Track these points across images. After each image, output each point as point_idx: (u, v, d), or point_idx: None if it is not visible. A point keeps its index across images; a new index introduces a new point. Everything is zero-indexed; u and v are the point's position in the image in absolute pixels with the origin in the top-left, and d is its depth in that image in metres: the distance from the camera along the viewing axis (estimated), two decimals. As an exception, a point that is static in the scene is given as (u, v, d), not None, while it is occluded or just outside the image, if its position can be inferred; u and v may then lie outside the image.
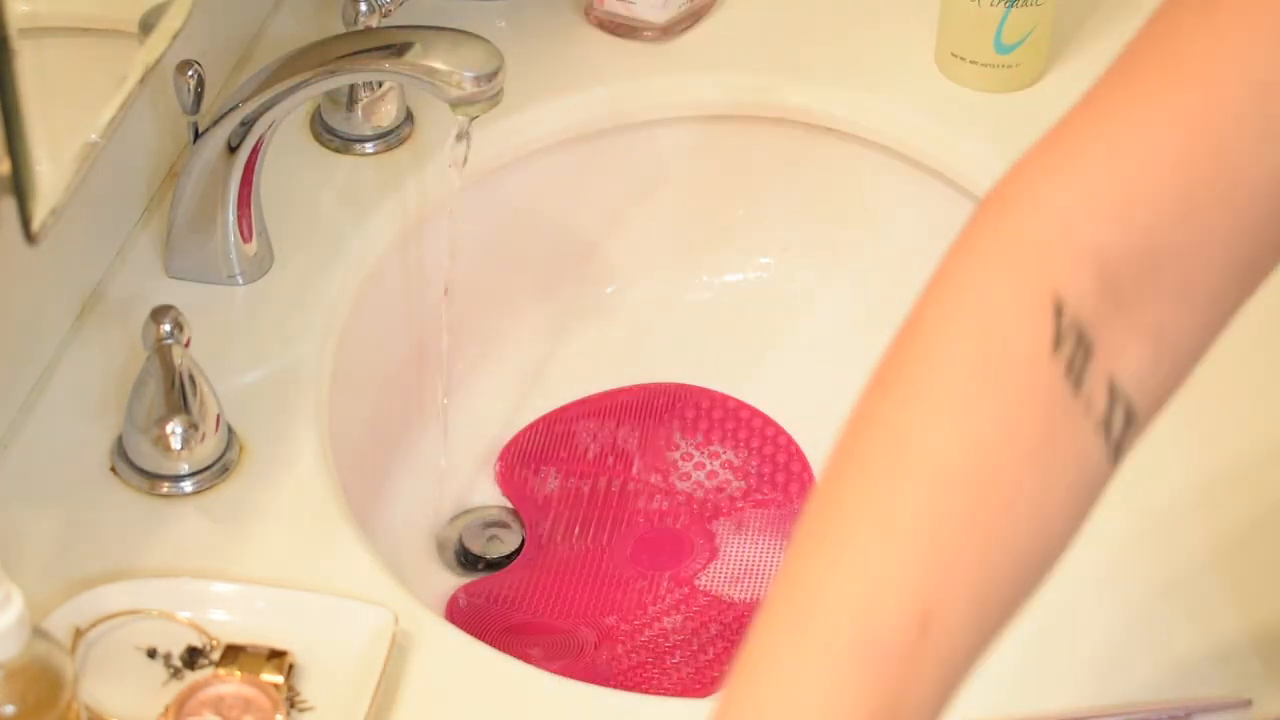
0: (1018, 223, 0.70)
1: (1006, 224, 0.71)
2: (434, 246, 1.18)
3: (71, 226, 1.00)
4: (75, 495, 1.00)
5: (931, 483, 0.67)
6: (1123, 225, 0.68)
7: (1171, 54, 0.70)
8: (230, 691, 0.89)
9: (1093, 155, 0.69)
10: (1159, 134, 0.69)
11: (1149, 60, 0.71)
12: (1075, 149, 0.70)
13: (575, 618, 1.15)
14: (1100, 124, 0.70)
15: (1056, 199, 0.69)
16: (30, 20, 0.81)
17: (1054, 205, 0.69)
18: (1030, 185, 0.70)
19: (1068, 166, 0.69)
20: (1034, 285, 0.69)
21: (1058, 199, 0.69)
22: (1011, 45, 1.25)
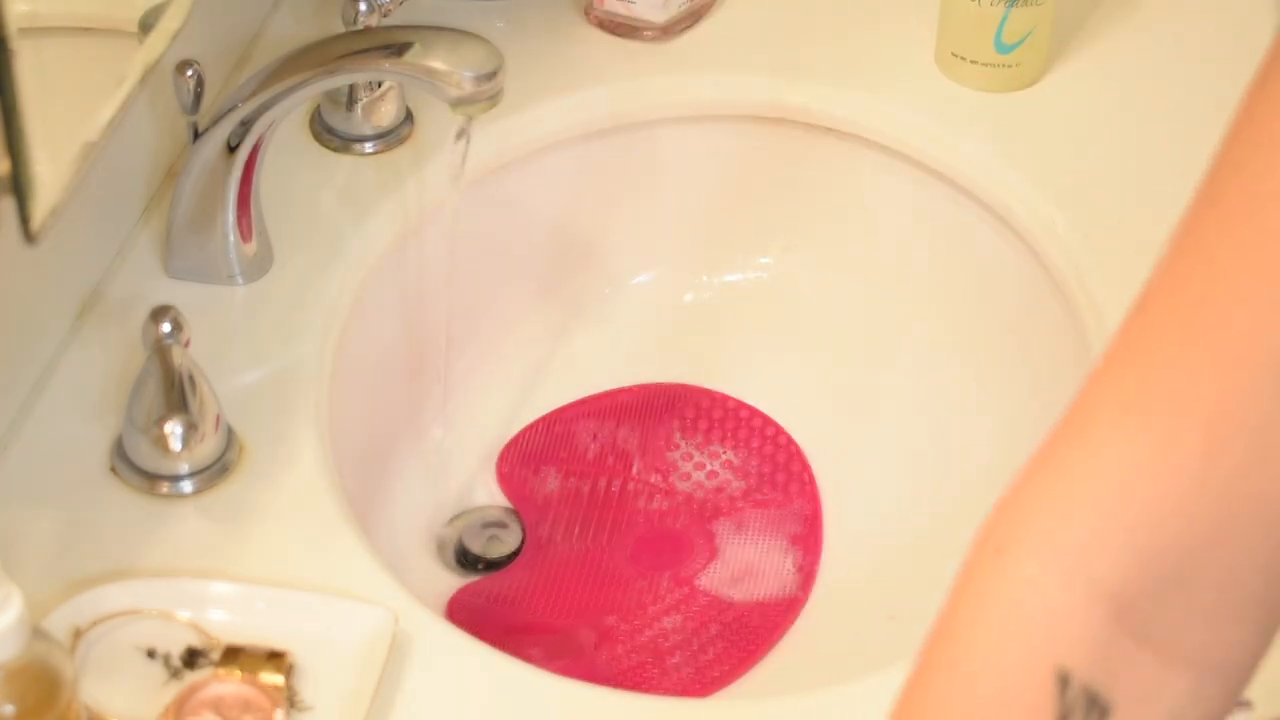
0: (1018, 576, 0.63)
1: (1006, 579, 0.63)
2: (434, 246, 1.18)
3: (71, 226, 1.00)
4: (75, 495, 1.00)
5: None
6: (1142, 554, 0.61)
7: (1181, 329, 0.63)
8: (230, 692, 0.89)
9: (1099, 476, 0.62)
10: (1176, 437, 0.61)
11: (1155, 340, 0.64)
12: (1078, 468, 0.63)
13: (575, 618, 1.15)
14: (1106, 437, 0.62)
15: (1063, 540, 0.62)
16: (30, 20, 0.81)
17: (1060, 548, 0.62)
18: (1033, 526, 0.63)
19: (1072, 496, 0.62)
20: (1036, 659, 0.62)
21: (1064, 540, 0.62)
22: (1011, 45, 1.24)
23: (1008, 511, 0.64)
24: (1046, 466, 0.64)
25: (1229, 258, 0.63)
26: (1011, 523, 0.64)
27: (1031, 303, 1.20)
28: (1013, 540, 0.64)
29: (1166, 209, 1.20)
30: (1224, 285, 0.62)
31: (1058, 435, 0.64)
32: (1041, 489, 0.64)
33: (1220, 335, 0.62)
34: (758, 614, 1.15)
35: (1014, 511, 0.64)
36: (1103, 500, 0.62)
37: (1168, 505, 0.61)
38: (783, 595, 1.16)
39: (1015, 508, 0.64)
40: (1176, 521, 0.61)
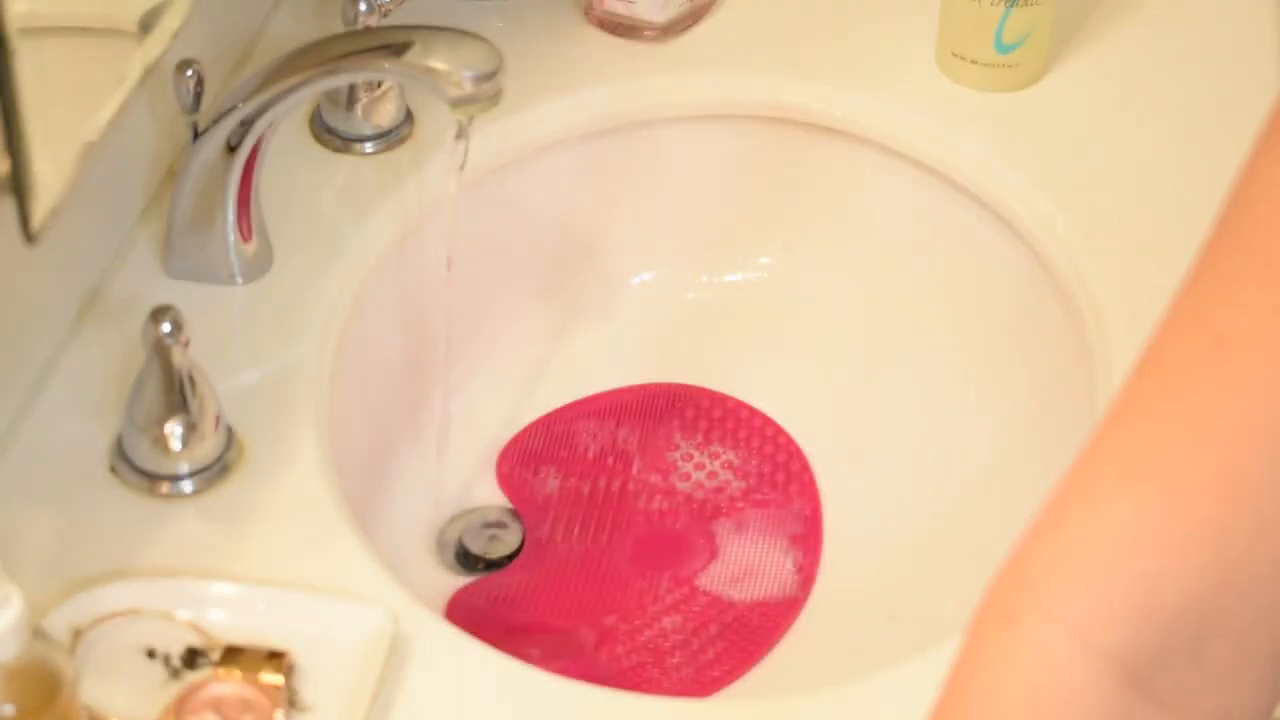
0: (1031, 646, 0.62)
1: (1019, 649, 0.63)
2: (434, 246, 1.18)
3: (71, 226, 1.00)
4: (75, 495, 1.00)
5: None
6: (1153, 621, 0.61)
7: (1186, 392, 0.63)
8: (230, 692, 0.89)
9: (1106, 542, 0.62)
10: (1183, 503, 0.61)
11: (1160, 402, 0.64)
12: (1085, 534, 0.62)
13: (575, 618, 1.15)
14: (1112, 501, 0.62)
15: (1069, 610, 0.62)
16: (30, 20, 0.81)
17: (1072, 617, 0.62)
18: (1043, 593, 0.62)
19: (1078, 562, 0.62)
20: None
21: (1070, 609, 0.62)
22: (1011, 45, 1.24)
23: (1016, 576, 0.64)
24: (1053, 530, 0.64)
25: (1233, 322, 0.63)
26: (1021, 589, 0.63)
27: (1031, 303, 1.20)
28: (1024, 608, 0.63)
29: (1167, 209, 1.21)
30: (1229, 350, 0.62)
31: (1062, 496, 0.64)
32: (1050, 555, 0.63)
33: (1227, 400, 0.61)
34: (758, 614, 1.15)
35: (1023, 577, 0.64)
36: (1112, 568, 0.61)
37: (1176, 572, 0.61)
38: (783, 595, 1.16)
39: (1024, 573, 0.64)
40: (1186, 588, 0.61)
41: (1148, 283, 1.13)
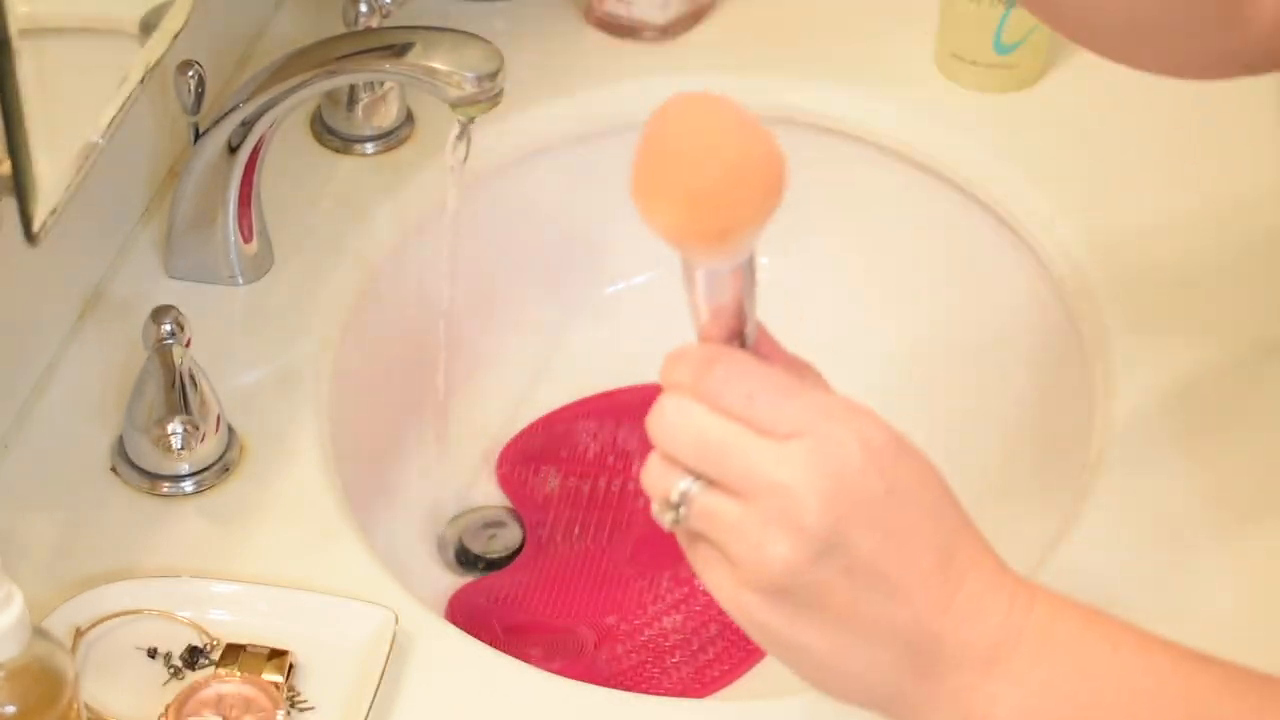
0: None
1: None
2: (434, 246, 1.18)
3: (72, 226, 1.00)
4: (75, 495, 1.00)
5: None
6: None
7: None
8: (230, 691, 0.89)
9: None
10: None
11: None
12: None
13: (575, 618, 1.15)
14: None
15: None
16: (30, 20, 0.81)
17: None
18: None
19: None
20: None
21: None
22: (1011, 45, 1.25)
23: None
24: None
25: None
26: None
27: (1031, 303, 1.20)
28: None
29: (1166, 208, 1.21)
30: None
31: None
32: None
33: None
34: (757, 614, 1.15)
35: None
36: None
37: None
38: (782, 595, 1.16)
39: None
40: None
41: (1147, 283, 1.13)
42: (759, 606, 0.70)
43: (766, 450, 0.69)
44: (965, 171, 1.23)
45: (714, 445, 0.69)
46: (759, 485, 0.69)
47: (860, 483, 0.69)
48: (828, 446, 0.69)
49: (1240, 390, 1.07)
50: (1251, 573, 0.98)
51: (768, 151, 0.69)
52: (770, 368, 0.72)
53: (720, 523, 0.70)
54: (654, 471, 0.72)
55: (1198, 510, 1.01)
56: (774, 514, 0.68)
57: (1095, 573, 0.97)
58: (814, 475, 0.68)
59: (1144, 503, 1.01)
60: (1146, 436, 1.05)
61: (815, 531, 0.68)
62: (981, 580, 0.71)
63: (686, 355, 0.72)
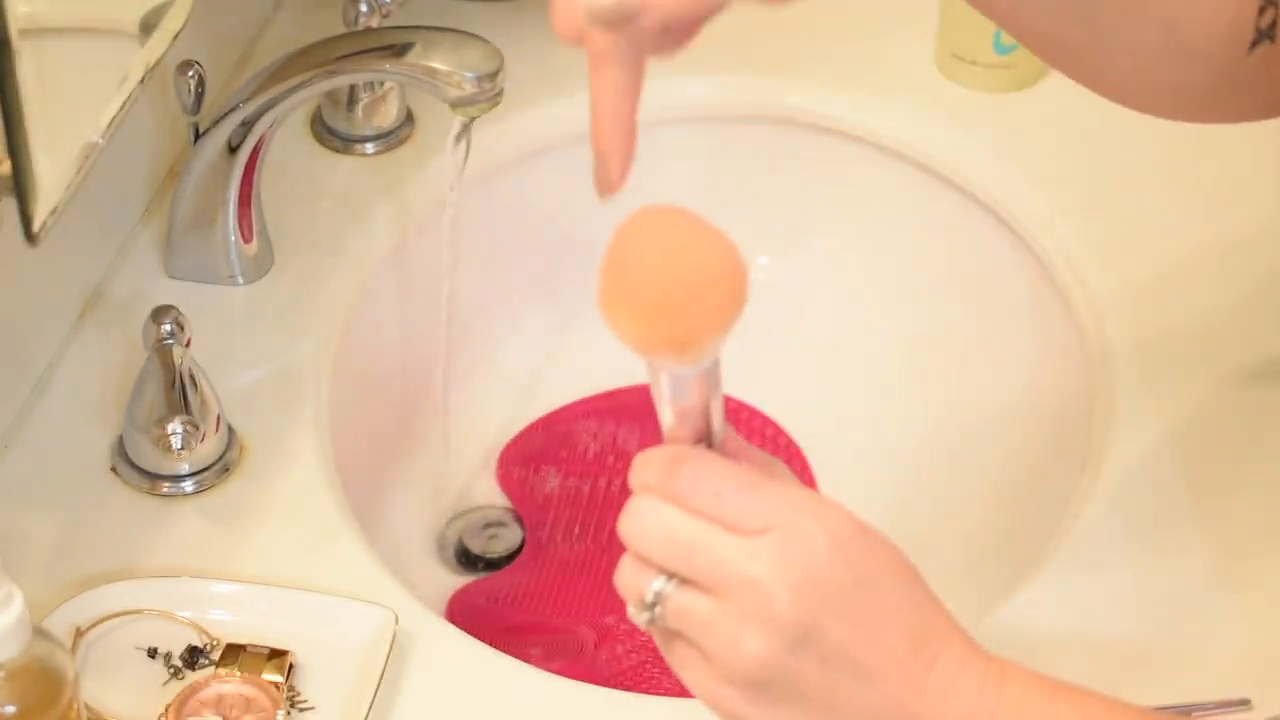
0: None
1: None
2: (434, 246, 1.18)
3: (72, 226, 1.00)
4: (75, 495, 1.00)
5: None
6: None
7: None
8: (231, 691, 0.89)
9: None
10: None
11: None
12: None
13: (575, 618, 1.15)
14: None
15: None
16: (30, 20, 0.81)
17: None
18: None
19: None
20: None
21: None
22: (1011, 45, 1.25)
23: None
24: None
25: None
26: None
27: (1031, 303, 1.20)
28: None
29: (1165, 209, 1.21)
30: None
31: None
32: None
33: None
34: (757, 614, 1.15)
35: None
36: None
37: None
38: (782, 595, 1.16)
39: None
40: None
41: (1146, 282, 1.13)
42: (738, 700, 0.71)
43: (736, 546, 0.70)
44: (965, 171, 1.23)
45: (684, 544, 0.71)
46: (730, 581, 0.70)
47: (829, 574, 0.70)
48: (796, 540, 0.70)
49: (1240, 388, 1.07)
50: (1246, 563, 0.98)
51: (728, 264, 0.71)
52: (736, 465, 0.73)
53: (694, 620, 0.71)
54: (627, 572, 0.73)
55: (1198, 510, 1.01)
56: (746, 609, 0.70)
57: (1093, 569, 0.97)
58: (783, 568, 0.70)
59: (1143, 503, 1.01)
60: (1147, 436, 1.05)
61: (787, 623, 0.70)
62: (953, 660, 0.72)
63: (653, 457, 0.73)
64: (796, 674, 0.70)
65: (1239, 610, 0.96)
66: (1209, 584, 0.97)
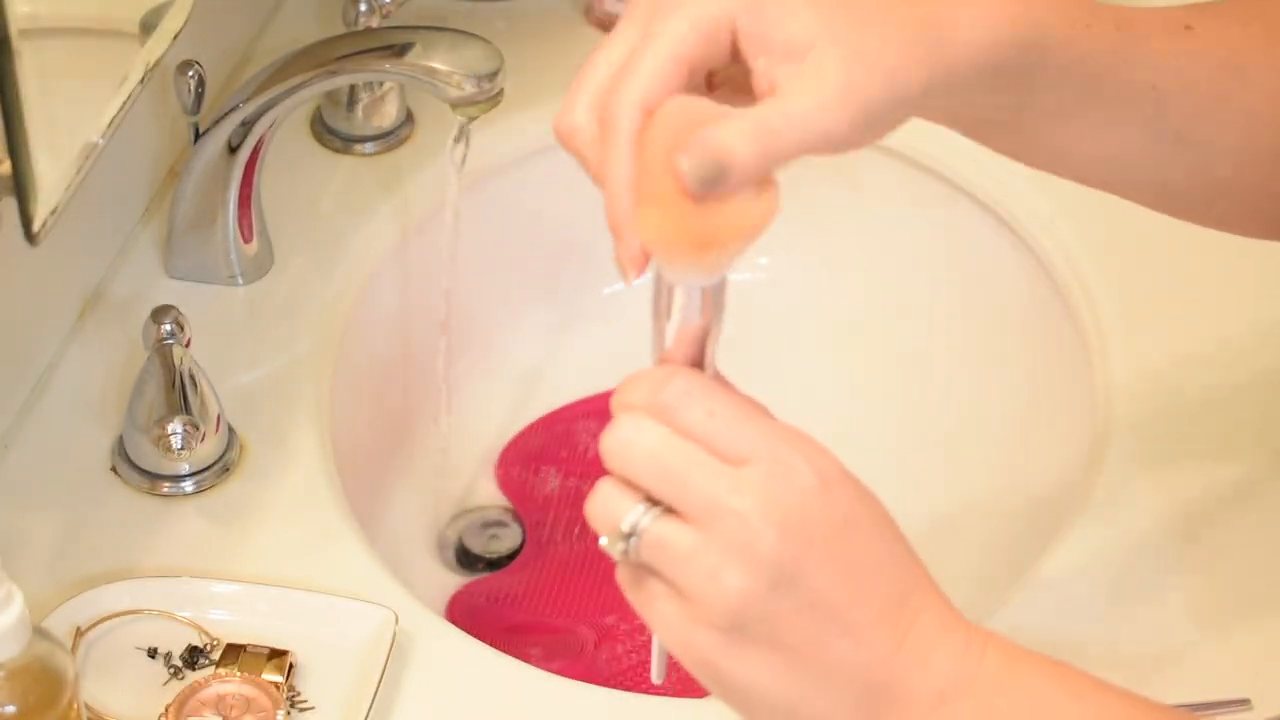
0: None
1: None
2: (434, 247, 1.18)
3: (72, 226, 1.00)
4: (76, 495, 1.00)
5: None
6: None
7: None
8: (231, 691, 0.89)
9: None
10: None
11: None
12: None
13: (575, 617, 1.15)
14: None
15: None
16: (31, 21, 0.81)
17: None
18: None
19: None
20: None
21: None
22: (1011, 45, 1.24)
23: None
24: None
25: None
26: None
27: (1031, 303, 1.20)
28: None
29: (1166, 209, 1.20)
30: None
31: None
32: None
33: None
34: (757, 614, 1.15)
35: None
36: None
37: None
38: (782, 595, 1.16)
39: None
40: None
41: (1147, 283, 1.13)
42: (709, 643, 0.68)
43: (723, 475, 0.67)
44: (965, 172, 1.23)
45: (668, 466, 0.67)
46: (714, 512, 0.67)
47: (817, 514, 0.67)
48: (785, 474, 0.67)
49: (1240, 386, 1.07)
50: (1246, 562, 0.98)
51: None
52: (729, 390, 0.70)
53: (672, 553, 0.67)
54: (603, 498, 0.69)
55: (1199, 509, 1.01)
56: (729, 542, 0.66)
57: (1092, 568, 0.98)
58: (771, 503, 0.67)
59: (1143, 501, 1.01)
60: (1147, 436, 1.05)
61: (771, 560, 0.66)
62: (934, 621, 0.70)
63: (644, 374, 0.70)
64: (775, 617, 0.67)
65: (1239, 610, 0.96)
66: (1209, 584, 0.97)
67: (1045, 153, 0.80)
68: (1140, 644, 0.94)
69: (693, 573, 0.67)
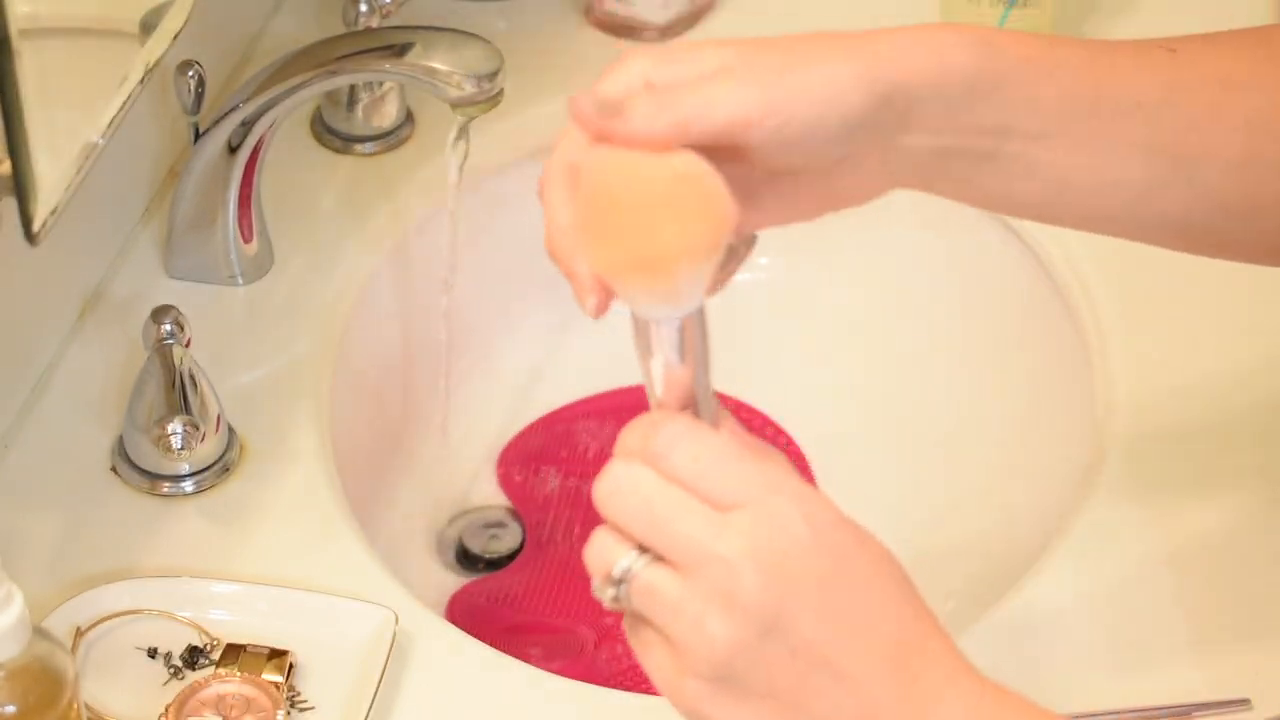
0: None
1: None
2: (434, 247, 1.18)
3: (72, 226, 1.00)
4: (76, 495, 1.00)
5: None
6: None
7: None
8: (231, 691, 0.89)
9: None
10: None
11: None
12: None
13: (575, 617, 1.15)
14: None
15: None
16: (31, 21, 0.81)
17: None
18: None
19: None
20: None
21: None
22: (1011, 45, 1.24)
23: None
24: None
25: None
26: None
27: (1032, 304, 1.20)
28: None
29: (1166, 209, 1.20)
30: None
31: None
32: None
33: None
34: (757, 614, 1.15)
35: None
36: None
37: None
38: (782, 595, 1.16)
39: None
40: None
41: (1147, 284, 1.13)
42: (700, 694, 0.67)
43: (707, 521, 0.67)
44: (965, 171, 1.23)
45: (658, 513, 0.67)
46: (698, 558, 0.66)
47: (802, 561, 0.67)
48: (770, 520, 0.67)
49: (1241, 384, 1.07)
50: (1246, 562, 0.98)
51: (696, 179, 0.68)
52: (720, 434, 0.69)
53: (660, 600, 0.67)
54: (597, 545, 0.69)
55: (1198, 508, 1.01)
56: (712, 589, 0.66)
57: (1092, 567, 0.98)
58: (754, 549, 0.66)
59: (1142, 499, 1.01)
60: (1147, 435, 1.05)
61: (753, 609, 0.66)
62: (942, 674, 0.68)
63: (638, 421, 0.70)
64: (763, 666, 0.66)
65: (1239, 609, 0.96)
66: (1210, 584, 0.97)
67: (1047, 186, 0.78)
68: (1140, 641, 0.94)
69: (679, 621, 0.67)
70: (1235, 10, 1.32)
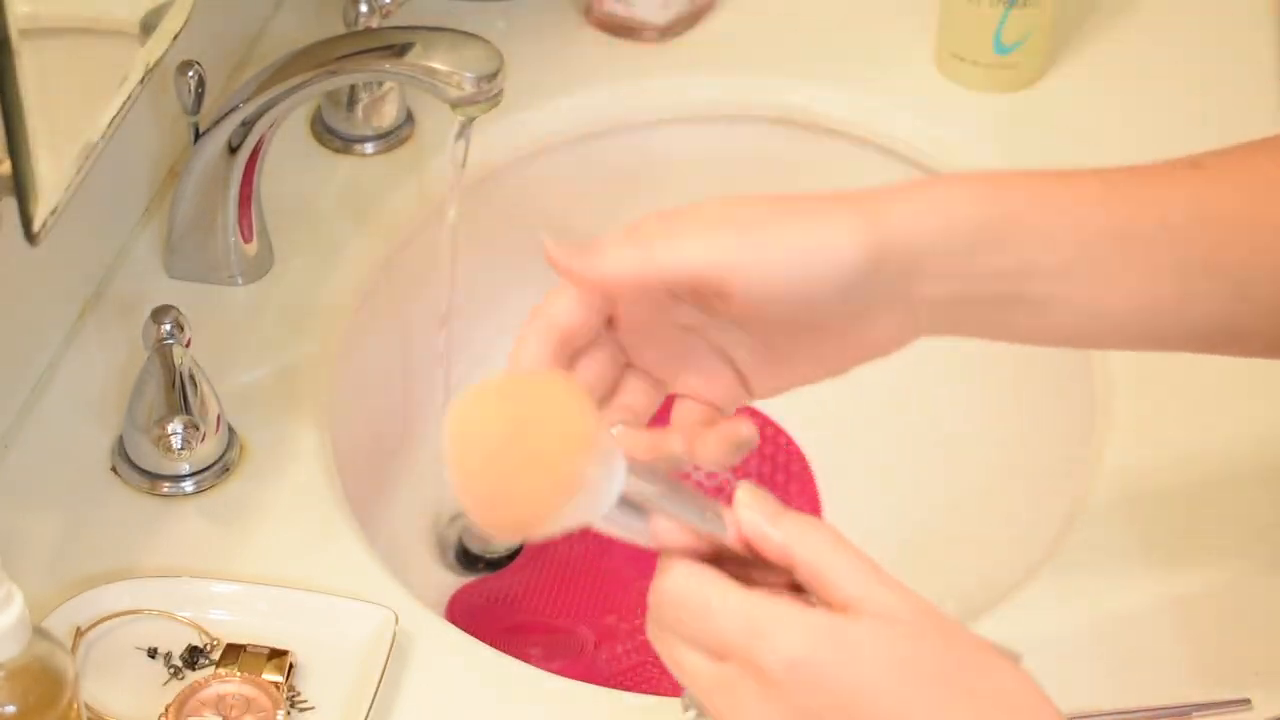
0: None
1: None
2: (434, 246, 1.18)
3: (72, 226, 1.00)
4: (76, 495, 1.00)
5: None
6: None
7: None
8: (231, 691, 0.89)
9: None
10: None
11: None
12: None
13: (575, 617, 1.15)
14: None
15: None
16: (31, 21, 0.81)
17: None
18: None
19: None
20: None
21: None
22: (1011, 46, 1.25)
23: None
24: None
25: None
26: None
27: (1031, 303, 1.20)
28: None
29: (1166, 209, 1.20)
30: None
31: None
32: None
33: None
34: (757, 614, 1.15)
35: None
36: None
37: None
38: (782, 595, 1.16)
39: None
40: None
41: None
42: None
43: (700, 674, 0.70)
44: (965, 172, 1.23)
45: (674, 664, 0.71)
46: (704, 709, 0.70)
47: (788, 706, 0.67)
48: (744, 676, 0.68)
49: (1241, 381, 1.07)
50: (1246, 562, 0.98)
51: (547, 447, 0.67)
52: (702, 581, 0.70)
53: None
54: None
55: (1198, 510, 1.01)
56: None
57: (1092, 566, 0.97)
58: (735, 709, 0.68)
59: (1143, 500, 1.01)
60: (1146, 439, 1.05)
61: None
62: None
63: (661, 592, 0.72)
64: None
65: (1239, 609, 0.96)
66: (1210, 584, 0.97)
67: (1079, 317, 0.77)
68: (1141, 642, 0.94)
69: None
70: (1235, 10, 1.32)
